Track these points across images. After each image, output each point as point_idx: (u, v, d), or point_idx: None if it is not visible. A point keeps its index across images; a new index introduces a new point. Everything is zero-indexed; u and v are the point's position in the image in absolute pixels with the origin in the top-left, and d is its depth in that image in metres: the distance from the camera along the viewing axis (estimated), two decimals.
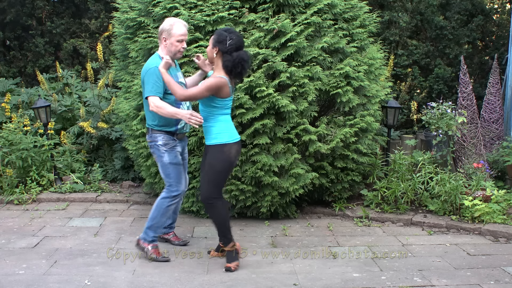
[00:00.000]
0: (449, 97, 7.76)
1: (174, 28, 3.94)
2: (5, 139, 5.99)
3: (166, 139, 4.04)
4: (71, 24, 9.21)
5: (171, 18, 4.11)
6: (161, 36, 4.00)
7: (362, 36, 5.29)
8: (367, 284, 3.73)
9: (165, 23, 4.00)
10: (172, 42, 3.96)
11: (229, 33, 3.77)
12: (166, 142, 4.04)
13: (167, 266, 4.03)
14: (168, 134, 4.05)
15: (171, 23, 3.97)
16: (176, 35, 3.95)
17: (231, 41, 3.73)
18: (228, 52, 3.74)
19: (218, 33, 3.80)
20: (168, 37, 3.96)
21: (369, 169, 5.57)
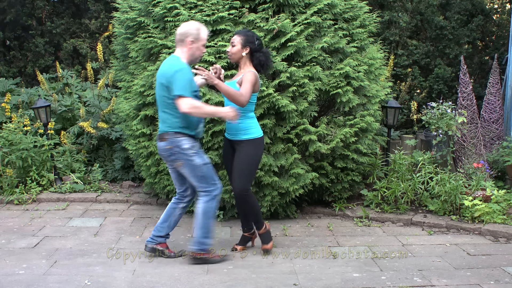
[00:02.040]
0: (449, 97, 7.76)
1: (201, 33, 3.91)
2: (5, 139, 5.99)
3: (190, 142, 3.90)
4: (71, 24, 9.21)
5: (194, 22, 4.02)
6: (187, 39, 3.86)
7: (362, 36, 5.29)
8: (367, 284, 3.73)
9: (190, 27, 3.89)
10: (199, 46, 3.92)
11: (252, 33, 4.09)
12: (192, 145, 3.90)
13: (167, 266, 4.03)
14: (188, 137, 3.92)
15: (197, 27, 3.91)
16: (203, 40, 3.93)
17: (258, 41, 4.06)
18: (258, 50, 4.04)
19: (245, 34, 4.05)
20: (196, 41, 3.89)
21: (369, 169, 5.57)
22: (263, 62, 4.06)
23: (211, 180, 3.97)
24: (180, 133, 3.89)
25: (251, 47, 4.01)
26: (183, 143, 3.88)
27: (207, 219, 3.97)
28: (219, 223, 5.11)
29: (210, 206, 3.97)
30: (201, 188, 3.98)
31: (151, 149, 5.11)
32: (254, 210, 4.17)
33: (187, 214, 5.32)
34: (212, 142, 4.80)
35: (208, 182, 3.96)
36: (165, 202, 5.67)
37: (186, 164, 3.91)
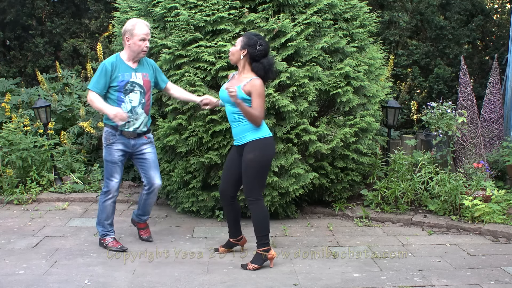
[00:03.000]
0: (449, 97, 7.76)
1: (136, 28, 4.08)
2: (5, 139, 5.98)
3: (107, 134, 4.22)
4: (71, 24, 9.21)
5: (133, 19, 4.26)
6: (124, 37, 4.14)
7: (362, 36, 5.29)
8: (367, 284, 3.73)
9: (127, 24, 4.15)
10: (135, 42, 4.09)
11: (258, 38, 3.86)
12: (106, 137, 4.22)
13: (167, 266, 4.03)
14: (110, 128, 4.20)
15: (133, 24, 4.12)
16: (139, 34, 4.08)
17: (260, 46, 3.82)
18: (257, 57, 3.83)
19: (248, 36, 3.88)
20: (131, 37, 4.10)
21: (369, 169, 5.57)
22: (262, 75, 3.85)
23: (106, 177, 4.27)
24: (104, 123, 4.27)
25: (249, 51, 3.83)
26: (103, 132, 4.27)
27: (99, 209, 4.37)
28: (218, 223, 5.11)
29: (100, 198, 4.34)
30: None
31: None
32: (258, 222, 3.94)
33: (187, 214, 5.33)
34: (212, 142, 4.80)
35: (104, 177, 4.29)
36: (165, 202, 5.67)
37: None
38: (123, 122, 4.05)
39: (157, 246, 4.46)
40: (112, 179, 4.25)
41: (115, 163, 4.23)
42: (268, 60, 3.88)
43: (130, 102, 4.16)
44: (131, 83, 4.15)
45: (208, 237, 4.73)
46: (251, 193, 3.91)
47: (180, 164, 4.98)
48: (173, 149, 5.04)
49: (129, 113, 4.15)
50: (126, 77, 4.13)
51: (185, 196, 5.14)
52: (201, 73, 4.82)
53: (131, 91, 4.15)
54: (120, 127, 4.16)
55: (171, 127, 4.88)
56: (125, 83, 4.13)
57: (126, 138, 4.22)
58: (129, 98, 4.16)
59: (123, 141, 4.21)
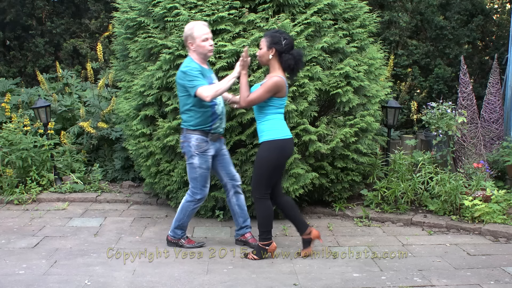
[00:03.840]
0: (449, 97, 7.76)
1: (195, 31, 4.04)
2: (5, 139, 5.99)
3: (199, 141, 4.10)
4: (71, 24, 9.21)
5: (190, 22, 4.20)
6: (187, 43, 4.10)
7: (362, 36, 5.29)
8: (367, 284, 3.73)
9: (185, 30, 4.10)
10: (199, 44, 4.03)
11: (281, 34, 3.89)
12: (199, 145, 4.10)
13: (167, 266, 4.03)
14: (202, 134, 4.09)
15: (190, 27, 4.07)
16: (200, 36, 4.02)
17: (285, 41, 3.85)
18: (286, 51, 3.85)
19: (271, 35, 3.89)
20: (193, 41, 4.05)
21: (369, 169, 5.57)
22: (292, 65, 3.89)
23: (200, 185, 4.18)
24: (192, 130, 4.12)
25: (277, 48, 3.86)
26: (192, 139, 4.11)
27: (183, 215, 4.29)
28: (219, 223, 5.11)
29: (188, 205, 4.25)
30: (190, 185, 4.23)
31: (151, 149, 5.11)
32: (261, 218, 4.07)
33: None
34: None
35: (196, 185, 4.19)
36: (165, 202, 5.67)
37: (187, 160, 4.18)
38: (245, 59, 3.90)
39: (157, 246, 4.46)
40: (207, 185, 4.21)
41: (209, 169, 4.18)
42: (297, 51, 3.94)
43: (220, 103, 4.15)
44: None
45: (208, 237, 4.73)
46: (257, 190, 4.00)
47: (180, 164, 4.98)
48: (173, 149, 5.03)
49: (221, 115, 4.17)
50: (210, 80, 4.08)
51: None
52: None
53: None
54: (214, 129, 4.13)
55: (171, 127, 4.88)
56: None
57: (213, 142, 4.18)
58: (218, 100, 4.14)
59: (213, 146, 4.17)
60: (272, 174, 3.98)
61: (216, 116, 4.13)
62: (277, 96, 3.91)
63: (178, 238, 4.40)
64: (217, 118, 4.14)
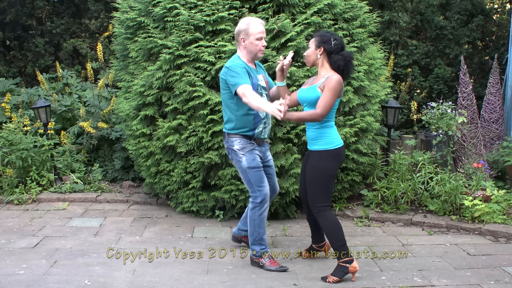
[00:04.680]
0: (449, 97, 7.76)
1: (251, 27, 3.79)
2: (5, 139, 5.98)
3: (243, 143, 3.86)
4: (71, 24, 9.21)
5: (246, 17, 3.97)
6: (239, 38, 3.84)
7: (362, 36, 5.29)
8: (367, 284, 3.73)
9: (240, 24, 3.85)
10: (252, 42, 3.80)
11: (331, 34, 3.69)
12: (243, 146, 3.86)
13: (167, 266, 4.03)
14: (245, 138, 3.87)
15: (247, 22, 3.82)
16: (255, 33, 3.78)
17: (335, 41, 3.64)
18: (335, 52, 3.63)
19: (321, 34, 3.69)
20: (246, 37, 3.80)
21: (369, 169, 5.57)
22: (342, 67, 3.61)
23: (257, 186, 3.87)
24: (234, 134, 3.88)
25: (325, 47, 3.63)
26: (235, 143, 3.87)
27: (253, 227, 3.93)
28: (218, 223, 5.11)
29: (254, 214, 3.91)
30: (249, 191, 3.95)
31: (151, 149, 5.11)
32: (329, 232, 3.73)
33: (187, 214, 5.33)
34: (212, 142, 4.80)
35: (253, 187, 3.88)
36: (165, 202, 5.67)
37: (236, 165, 3.93)
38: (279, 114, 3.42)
39: (157, 246, 4.46)
40: (263, 185, 3.87)
41: (260, 167, 3.88)
42: (348, 52, 3.69)
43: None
44: (260, 87, 3.86)
45: (208, 237, 4.73)
46: (315, 204, 3.74)
47: (180, 164, 4.98)
48: (173, 149, 5.04)
49: (265, 119, 3.90)
50: (255, 80, 3.83)
51: (185, 196, 5.14)
52: (201, 73, 4.82)
53: (261, 94, 3.83)
54: (257, 135, 3.88)
55: (171, 127, 4.88)
56: (256, 86, 3.82)
57: (259, 146, 3.95)
58: None
59: (258, 148, 3.94)
60: (328, 184, 3.71)
61: (259, 120, 3.87)
62: (338, 97, 3.65)
63: (258, 256, 3.97)
64: (260, 122, 3.88)
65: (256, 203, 3.88)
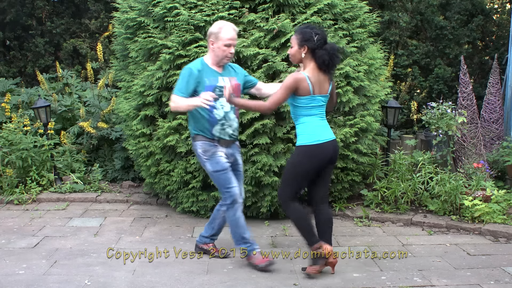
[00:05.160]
0: (449, 97, 7.76)
1: (222, 32, 3.81)
2: (5, 139, 5.99)
3: (204, 146, 3.88)
4: (71, 24, 9.21)
5: (220, 21, 3.97)
6: (209, 39, 3.87)
7: (362, 36, 5.29)
8: (367, 284, 3.73)
9: (213, 26, 3.87)
10: (220, 46, 3.82)
11: (311, 29, 3.62)
12: (206, 149, 3.88)
13: (167, 266, 4.03)
14: (206, 140, 3.89)
15: (219, 26, 3.84)
16: (224, 39, 3.80)
17: (317, 36, 3.59)
18: (319, 47, 3.58)
19: (302, 32, 3.63)
20: (216, 40, 3.82)
21: (369, 169, 5.57)
22: (327, 61, 3.58)
23: (224, 187, 3.89)
24: (196, 135, 3.94)
25: (309, 45, 3.58)
26: (197, 146, 3.92)
27: (232, 227, 3.97)
28: None
29: (228, 215, 3.95)
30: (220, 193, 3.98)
31: (151, 149, 5.11)
32: (296, 223, 3.82)
33: (187, 214, 5.33)
34: None
35: (221, 189, 3.92)
36: (165, 202, 5.67)
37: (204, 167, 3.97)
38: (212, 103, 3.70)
39: (157, 246, 4.46)
40: (231, 186, 3.86)
41: (225, 169, 3.87)
42: (331, 45, 3.64)
43: (222, 107, 3.88)
44: (219, 88, 3.86)
45: None
46: (279, 196, 3.84)
47: (180, 164, 4.98)
48: (173, 149, 5.04)
49: (223, 120, 3.89)
50: (213, 82, 3.85)
51: (185, 196, 5.14)
52: None
53: (220, 96, 3.84)
54: (217, 136, 3.89)
55: (171, 127, 4.88)
56: (213, 88, 3.83)
57: (224, 147, 3.93)
58: (220, 104, 3.86)
59: (222, 150, 3.91)
60: (299, 180, 3.75)
61: (215, 121, 3.87)
62: (300, 95, 3.61)
63: (247, 256, 3.99)
64: (217, 123, 3.88)
65: (227, 205, 3.92)
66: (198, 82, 3.83)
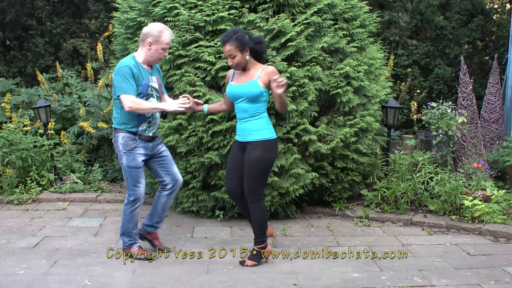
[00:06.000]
0: (449, 97, 7.76)
1: (163, 36, 3.91)
2: (5, 139, 5.98)
3: (125, 139, 3.96)
4: (71, 24, 9.21)
5: (158, 23, 4.04)
6: (146, 40, 3.91)
7: (362, 36, 5.29)
8: (367, 284, 3.73)
9: (153, 29, 3.92)
10: (157, 49, 3.92)
11: (238, 32, 3.79)
12: (126, 143, 3.95)
13: (167, 266, 4.03)
14: (129, 133, 3.96)
15: (160, 30, 3.91)
16: (164, 43, 3.92)
17: (246, 35, 3.80)
18: (256, 42, 3.83)
19: (236, 39, 3.73)
20: (155, 43, 3.91)
21: (369, 169, 5.57)
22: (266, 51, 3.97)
23: (132, 185, 4.02)
24: (119, 129, 4.00)
25: (250, 46, 3.79)
26: (119, 138, 3.98)
27: (124, 220, 4.12)
28: (218, 223, 5.11)
29: (126, 209, 4.10)
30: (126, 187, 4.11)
31: None
32: (258, 220, 3.96)
33: (187, 214, 5.33)
34: (212, 142, 4.80)
35: (128, 185, 4.04)
36: None
37: (119, 159, 4.05)
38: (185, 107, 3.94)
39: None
40: (139, 185, 4.01)
41: (139, 168, 3.99)
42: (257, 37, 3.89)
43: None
44: (151, 87, 3.98)
45: (208, 237, 4.73)
46: (253, 193, 3.90)
47: (180, 164, 4.97)
48: (173, 149, 5.03)
49: (150, 118, 4.00)
50: (147, 81, 3.96)
51: (185, 196, 5.14)
52: (201, 73, 4.82)
53: (150, 96, 3.98)
54: (141, 132, 3.97)
55: (171, 127, 4.88)
56: (146, 87, 3.95)
57: (145, 142, 4.02)
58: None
59: (143, 145, 4.01)
60: (266, 175, 3.95)
61: (144, 119, 3.96)
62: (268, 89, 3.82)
63: (127, 246, 4.17)
64: (145, 121, 3.97)
65: (129, 200, 4.06)
66: (137, 80, 3.91)
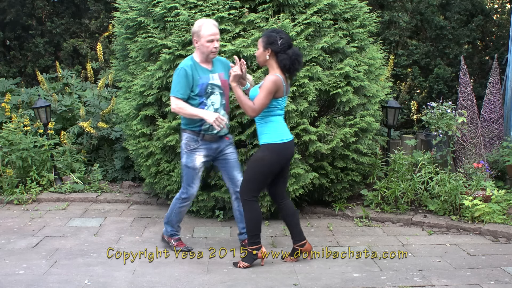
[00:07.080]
0: (449, 97, 7.76)
1: (202, 29, 3.95)
2: (5, 139, 5.99)
3: (188, 140, 4.08)
4: (71, 24, 9.21)
5: (200, 19, 4.10)
6: (193, 38, 4.04)
7: (362, 36, 5.29)
8: (367, 284, 3.73)
9: (194, 25, 4.02)
10: (203, 43, 3.96)
11: (277, 33, 3.82)
12: (188, 143, 4.08)
13: (167, 266, 4.03)
14: (192, 134, 4.06)
15: (199, 25, 3.98)
16: (205, 36, 3.94)
17: (281, 40, 3.78)
18: (282, 51, 3.78)
19: (267, 35, 3.82)
20: (198, 38, 3.97)
21: (369, 169, 5.57)
22: (288, 66, 3.79)
23: (186, 183, 4.14)
24: (183, 129, 4.13)
25: (273, 48, 3.78)
26: (183, 138, 4.13)
27: (171, 212, 4.29)
28: (219, 223, 5.11)
29: (175, 204, 4.25)
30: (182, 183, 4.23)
31: (151, 149, 5.11)
32: (248, 221, 3.96)
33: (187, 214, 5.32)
34: None
35: (183, 183, 4.17)
36: (165, 202, 5.67)
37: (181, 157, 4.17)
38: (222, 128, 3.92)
39: (157, 246, 4.46)
40: (193, 185, 4.13)
41: (196, 169, 4.08)
42: (294, 50, 3.83)
43: (212, 105, 4.03)
44: (211, 85, 4.02)
45: (208, 237, 4.73)
46: (244, 192, 3.92)
47: (180, 164, 4.97)
48: (173, 149, 5.03)
49: None
50: (205, 80, 4.00)
51: None
52: None
53: (211, 94, 4.02)
54: (204, 130, 4.04)
55: (171, 127, 4.88)
56: (205, 86, 4.00)
57: (209, 143, 4.08)
58: (211, 101, 4.03)
59: (205, 146, 4.08)
60: (264, 178, 3.91)
61: None
62: (275, 97, 3.80)
63: (167, 235, 4.38)
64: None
65: (180, 197, 4.21)
66: (193, 81, 3.99)
